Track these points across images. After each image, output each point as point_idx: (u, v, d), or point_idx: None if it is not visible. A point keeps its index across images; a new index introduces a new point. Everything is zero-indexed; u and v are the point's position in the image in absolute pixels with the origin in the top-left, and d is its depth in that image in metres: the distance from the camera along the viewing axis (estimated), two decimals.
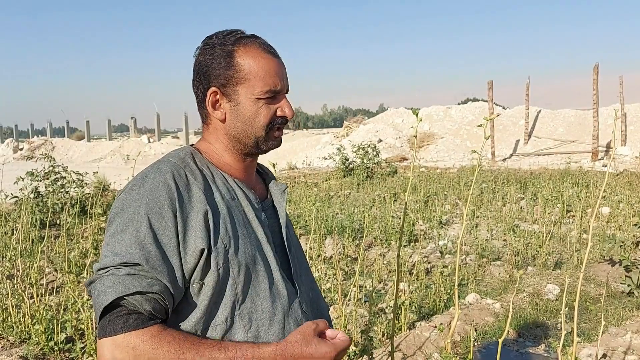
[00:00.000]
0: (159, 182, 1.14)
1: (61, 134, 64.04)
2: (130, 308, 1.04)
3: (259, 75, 1.22)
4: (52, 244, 6.41)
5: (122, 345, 1.03)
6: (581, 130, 23.35)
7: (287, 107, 1.27)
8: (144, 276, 1.06)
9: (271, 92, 1.23)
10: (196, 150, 1.30)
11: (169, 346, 1.04)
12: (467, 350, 3.99)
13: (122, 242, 1.08)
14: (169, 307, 1.10)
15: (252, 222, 1.25)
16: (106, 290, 1.04)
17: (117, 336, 1.03)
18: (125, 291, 1.04)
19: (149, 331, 1.05)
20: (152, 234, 1.09)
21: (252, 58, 1.23)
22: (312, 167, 20.21)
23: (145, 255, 1.07)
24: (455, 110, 28.92)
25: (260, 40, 1.26)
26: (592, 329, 4.42)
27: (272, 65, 1.24)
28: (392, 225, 7.41)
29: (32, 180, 8.47)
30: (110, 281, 1.05)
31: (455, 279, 5.33)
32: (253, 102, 1.23)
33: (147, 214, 1.10)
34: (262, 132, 1.26)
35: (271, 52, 1.26)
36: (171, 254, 1.10)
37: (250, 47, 1.24)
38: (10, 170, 11.93)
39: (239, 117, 1.25)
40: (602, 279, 5.61)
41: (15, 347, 3.79)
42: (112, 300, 1.04)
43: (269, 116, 1.25)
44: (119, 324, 1.04)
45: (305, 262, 1.44)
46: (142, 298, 1.05)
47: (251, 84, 1.22)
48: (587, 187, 11.15)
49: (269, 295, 1.21)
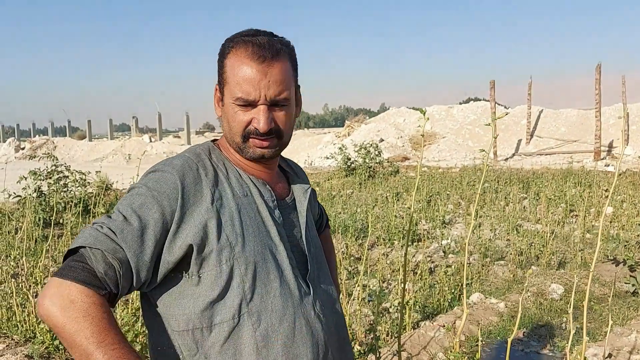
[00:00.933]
0: (167, 173, 1.17)
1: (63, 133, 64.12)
2: (88, 263, 1.06)
3: (235, 80, 1.20)
4: (55, 243, 6.41)
5: (64, 292, 1.03)
6: (583, 130, 23.32)
7: (262, 120, 1.20)
8: (114, 242, 1.09)
9: (242, 100, 1.19)
10: (215, 146, 1.31)
11: (92, 328, 1.01)
12: (472, 350, 3.98)
13: (117, 210, 1.14)
14: (124, 281, 1.10)
15: (265, 220, 1.24)
16: (79, 238, 1.10)
17: (65, 281, 1.04)
18: (92, 244, 1.08)
19: (94, 296, 1.04)
20: (140, 213, 1.12)
21: (235, 62, 1.20)
22: (314, 167, 20.22)
23: (122, 227, 1.10)
24: (457, 109, 28.91)
25: (258, 44, 1.19)
26: (597, 328, 4.41)
27: (250, 73, 1.18)
28: (394, 225, 7.40)
29: (35, 179, 8.47)
30: (89, 233, 1.10)
31: (459, 278, 5.35)
32: (231, 106, 1.22)
33: (145, 195, 1.14)
34: (239, 139, 1.24)
35: (259, 59, 1.18)
36: (148, 236, 1.11)
37: (240, 50, 1.20)
38: (12, 169, 11.96)
39: (225, 118, 1.26)
40: (606, 279, 5.60)
41: (20, 346, 3.79)
42: (78, 248, 1.08)
43: (242, 124, 1.22)
44: (71, 270, 1.06)
45: (325, 266, 1.42)
46: (101, 256, 1.07)
47: (230, 87, 1.22)
48: (590, 186, 11.13)
49: (280, 294, 1.20)
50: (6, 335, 4.05)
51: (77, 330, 1.01)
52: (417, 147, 24.29)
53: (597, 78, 19.55)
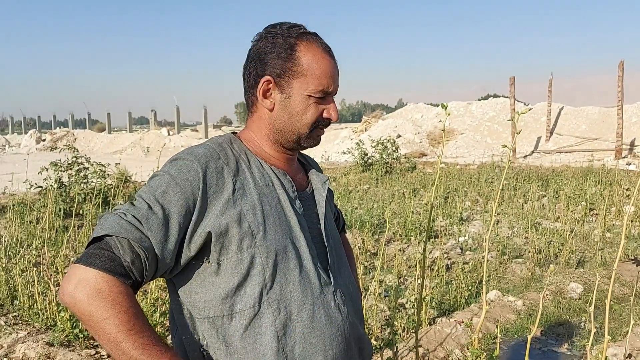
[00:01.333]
0: (189, 162, 1.18)
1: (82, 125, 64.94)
2: (114, 251, 1.07)
3: (316, 73, 1.24)
4: (75, 233, 6.50)
5: (90, 280, 1.04)
6: (604, 127, 22.95)
7: (334, 110, 1.29)
8: (140, 230, 1.09)
9: (323, 92, 1.26)
10: (236, 138, 1.32)
11: (120, 316, 1.03)
12: (489, 347, 3.96)
13: (140, 197, 1.15)
14: (149, 271, 1.11)
15: (286, 210, 1.25)
16: (105, 225, 1.10)
17: (90, 269, 1.05)
18: (118, 233, 1.08)
19: (120, 286, 1.06)
20: (163, 200, 1.13)
21: (312, 55, 1.25)
22: (331, 162, 20.21)
23: (147, 215, 1.11)
24: (476, 106, 28.64)
25: (321, 40, 1.28)
26: (617, 328, 4.35)
27: (328, 66, 1.26)
28: (411, 220, 7.37)
29: (56, 170, 8.59)
30: (113, 220, 1.10)
31: (476, 275, 5.32)
32: (304, 98, 1.25)
33: (167, 183, 1.15)
34: (306, 130, 1.28)
35: (329, 53, 1.28)
36: (172, 224, 1.12)
37: (312, 45, 1.26)
38: (33, 160, 12.15)
39: (287, 110, 1.27)
40: (626, 279, 5.53)
41: (41, 334, 3.86)
42: (103, 236, 1.08)
43: (315, 115, 1.27)
44: (98, 259, 1.06)
45: (344, 258, 1.43)
46: (128, 246, 1.08)
47: (306, 80, 1.24)
48: (611, 185, 10.97)
49: (299, 283, 1.21)
50: (27, 322, 4.13)
51: (105, 319, 1.03)
52: (435, 144, 24.14)
53: (619, 75, 19.21)
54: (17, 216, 7.14)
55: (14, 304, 4.43)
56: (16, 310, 4.34)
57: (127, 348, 1.03)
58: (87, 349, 3.66)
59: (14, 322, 4.11)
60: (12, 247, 5.58)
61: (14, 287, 4.60)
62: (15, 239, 6.18)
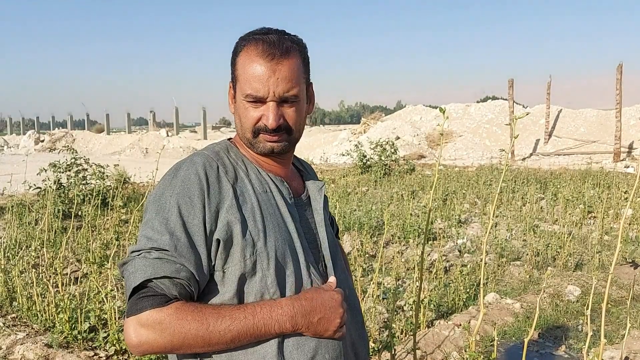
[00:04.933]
0: (190, 174, 1.18)
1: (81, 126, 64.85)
2: (157, 291, 1.08)
3: (245, 77, 1.23)
4: (74, 234, 6.50)
5: (147, 322, 1.07)
6: (603, 130, 23.00)
7: (270, 117, 1.22)
8: (172, 261, 1.10)
9: (251, 96, 1.23)
10: (232, 144, 1.33)
11: (192, 314, 1.08)
12: (487, 350, 3.97)
13: (153, 228, 1.13)
14: (194, 293, 1.13)
15: (284, 216, 1.26)
16: (137, 272, 1.09)
17: (142, 314, 1.07)
18: (154, 274, 1.08)
19: (172, 306, 1.09)
20: (181, 222, 1.13)
21: (245, 59, 1.24)
22: (329, 164, 20.21)
23: (174, 243, 1.11)
24: (475, 108, 28.67)
25: (269, 41, 1.22)
26: (614, 331, 4.37)
27: (259, 70, 1.21)
28: (410, 223, 7.38)
29: (55, 171, 8.59)
30: (141, 263, 1.10)
31: (474, 278, 5.33)
32: (242, 103, 1.26)
33: (178, 203, 1.14)
34: (250, 135, 1.27)
35: (268, 57, 1.21)
36: (198, 242, 1.14)
37: (250, 48, 1.23)
38: (32, 161, 12.13)
39: (237, 114, 1.29)
40: (623, 281, 5.54)
41: (40, 335, 3.86)
42: (141, 282, 1.08)
43: (252, 120, 1.25)
44: (145, 303, 1.07)
45: (341, 262, 1.44)
46: (170, 282, 1.09)
47: (240, 84, 1.25)
48: (609, 188, 10.99)
49: (295, 290, 1.22)
50: (26, 324, 4.13)
51: (185, 332, 1.08)
52: (433, 145, 24.16)
53: (618, 78, 19.25)
54: (15, 217, 7.14)
55: (12, 306, 4.43)
56: (15, 312, 4.35)
57: (229, 325, 1.10)
58: (85, 350, 3.66)
59: (12, 323, 4.12)
60: (11, 248, 5.59)
61: (12, 288, 4.61)
62: (14, 240, 6.18)
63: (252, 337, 1.13)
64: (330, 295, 1.20)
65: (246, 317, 1.11)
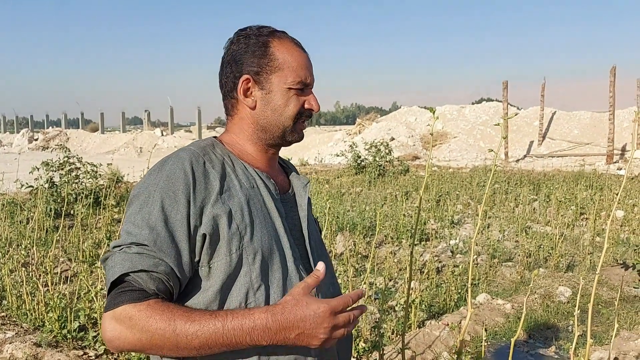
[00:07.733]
0: (176, 169, 1.17)
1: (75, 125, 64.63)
2: (135, 285, 1.08)
3: (292, 66, 1.28)
4: (65, 233, 6.48)
5: (120, 317, 1.07)
6: (596, 132, 23.12)
7: (314, 101, 1.32)
8: (151, 256, 1.10)
9: (302, 83, 1.29)
10: (218, 141, 1.33)
11: (162, 314, 1.06)
12: (476, 350, 3.98)
13: (134, 223, 1.13)
14: (174, 289, 1.13)
15: (271, 211, 1.26)
16: (115, 267, 1.09)
17: (118, 308, 1.07)
18: (132, 268, 1.08)
19: (146, 303, 1.08)
20: (163, 217, 1.12)
21: (286, 50, 1.29)
22: (324, 164, 20.21)
23: (153, 237, 1.10)
24: (469, 109, 28.77)
25: (291, 36, 1.33)
26: (604, 332, 4.39)
27: (303, 58, 1.31)
28: (403, 223, 7.39)
29: (47, 170, 8.55)
30: (120, 258, 1.10)
31: (466, 278, 5.34)
32: (285, 91, 1.28)
33: (161, 198, 1.14)
34: (290, 122, 1.30)
35: (302, 47, 1.33)
36: (180, 238, 1.13)
37: (284, 40, 1.30)
38: (25, 160, 12.09)
39: (269, 105, 1.29)
40: (614, 283, 5.57)
41: (29, 334, 3.84)
42: (120, 277, 1.08)
43: (298, 106, 1.30)
44: (122, 297, 1.07)
45: (325, 258, 1.43)
46: (147, 276, 1.09)
47: (284, 73, 1.27)
48: (601, 189, 11.05)
49: (282, 286, 1.21)
50: (15, 323, 4.11)
51: (152, 330, 1.06)
52: (428, 147, 24.21)
53: (611, 80, 19.37)
54: (7, 216, 7.10)
55: (2, 304, 4.41)
56: (4, 311, 4.32)
57: (194, 329, 1.07)
58: (75, 349, 3.64)
59: (1, 322, 4.09)
60: (2, 246, 5.55)
61: (2, 287, 4.58)
62: (4, 238, 6.15)
63: (223, 347, 1.09)
64: (314, 309, 1.10)
65: (215, 324, 1.07)
